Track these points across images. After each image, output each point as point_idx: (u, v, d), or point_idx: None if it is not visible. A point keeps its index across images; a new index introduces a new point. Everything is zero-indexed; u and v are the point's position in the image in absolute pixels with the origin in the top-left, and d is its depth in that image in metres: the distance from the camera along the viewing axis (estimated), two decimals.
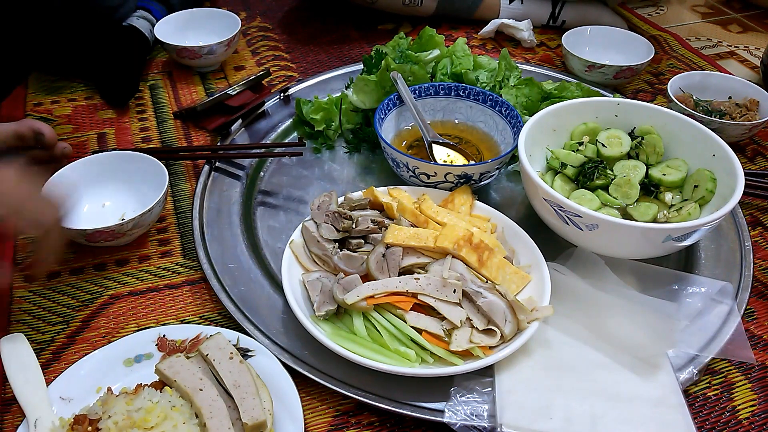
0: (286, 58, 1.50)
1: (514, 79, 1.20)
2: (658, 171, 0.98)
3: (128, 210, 1.00)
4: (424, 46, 1.24)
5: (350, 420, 0.77)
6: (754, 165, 1.19)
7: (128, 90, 1.31)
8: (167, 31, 1.38)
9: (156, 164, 1.00)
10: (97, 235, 0.90)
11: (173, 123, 1.25)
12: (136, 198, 1.01)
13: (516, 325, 0.79)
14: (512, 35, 1.57)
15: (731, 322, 0.84)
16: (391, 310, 0.80)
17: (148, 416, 0.67)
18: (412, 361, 0.76)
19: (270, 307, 0.88)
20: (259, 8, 1.72)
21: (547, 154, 1.02)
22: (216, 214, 1.02)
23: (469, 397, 0.75)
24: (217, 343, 0.76)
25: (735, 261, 0.95)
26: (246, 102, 1.24)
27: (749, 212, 1.07)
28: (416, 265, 0.84)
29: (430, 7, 1.56)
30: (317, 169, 1.14)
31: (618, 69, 1.32)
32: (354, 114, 1.19)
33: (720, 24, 1.74)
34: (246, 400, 0.70)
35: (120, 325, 0.87)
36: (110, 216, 0.99)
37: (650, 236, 0.81)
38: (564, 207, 0.83)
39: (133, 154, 1.04)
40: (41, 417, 0.70)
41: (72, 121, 1.26)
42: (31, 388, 0.74)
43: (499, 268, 0.85)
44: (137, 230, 0.95)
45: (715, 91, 1.27)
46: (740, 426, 0.77)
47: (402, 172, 1.01)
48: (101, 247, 0.96)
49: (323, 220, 0.90)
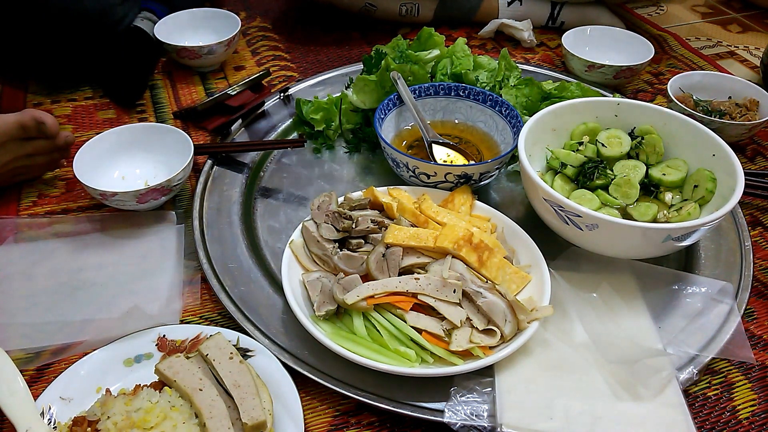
0: (286, 58, 1.50)
1: (514, 79, 1.20)
2: (658, 171, 0.98)
3: (150, 177, 1.07)
4: (424, 46, 1.24)
5: (350, 420, 0.77)
6: (754, 165, 1.19)
7: (135, 90, 1.31)
8: (167, 31, 1.38)
9: (183, 137, 1.06)
10: (148, 195, 0.97)
11: (173, 123, 1.25)
12: (163, 168, 1.09)
13: (516, 325, 0.79)
14: (512, 35, 1.57)
15: (731, 322, 0.84)
16: (391, 310, 0.80)
17: (147, 416, 0.67)
18: (412, 361, 0.76)
19: (270, 307, 0.88)
20: (259, 8, 1.72)
21: (547, 154, 1.02)
22: (216, 214, 1.02)
23: (469, 397, 0.75)
24: (217, 343, 0.76)
25: (735, 261, 0.95)
26: (246, 102, 1.24)
27: (749, 212, 1.07)
28: (416, 265, 0.84)
29: (428, 17, 1.57)
30: (317, 169, 1.14)
31: (618, 69, 1.32)
32: (354, 114, 1.19)
33: (720, 24, 1.74)
34: (246, 400, 0.70)
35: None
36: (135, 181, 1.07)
37: (650, 236, 0.81)
38: (564, 207, 0.83)
39: (161, 126, 1.10)
40: (32, 427, 0.70)
41: (72, 121, 1.26)
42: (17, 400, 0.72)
43: (499, 268, 0.85)
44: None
45: (715, 91, 1.27)
46: (740, 426, 0.77)
47: (402, 172, 1.01)
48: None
49: (323, 220, 0.90)
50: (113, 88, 1.32)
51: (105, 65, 1.33)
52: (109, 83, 1.33)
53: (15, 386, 0.74)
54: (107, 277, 0.92)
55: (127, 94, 1.31)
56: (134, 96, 1.31)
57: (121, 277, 0.92)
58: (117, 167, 1.07)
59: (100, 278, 0.92)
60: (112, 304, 0.88)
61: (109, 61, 1.32)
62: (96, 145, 1.04)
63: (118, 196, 0.95)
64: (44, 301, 0.88)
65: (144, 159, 1.09)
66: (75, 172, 0.98)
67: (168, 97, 1.34)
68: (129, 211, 1.02)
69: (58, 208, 1.05)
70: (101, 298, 0.89)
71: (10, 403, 0.72)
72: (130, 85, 1.31)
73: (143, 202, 0.98)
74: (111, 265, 0.94)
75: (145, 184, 0.98)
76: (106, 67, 1.33)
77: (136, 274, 0.92)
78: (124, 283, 0.91)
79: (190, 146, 1.04)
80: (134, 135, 1.08)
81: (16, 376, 0.75)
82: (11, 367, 0.76)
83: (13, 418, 0.71)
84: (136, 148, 1.08)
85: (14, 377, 0.75)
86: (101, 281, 0.91)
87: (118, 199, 0.96)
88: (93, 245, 0.97)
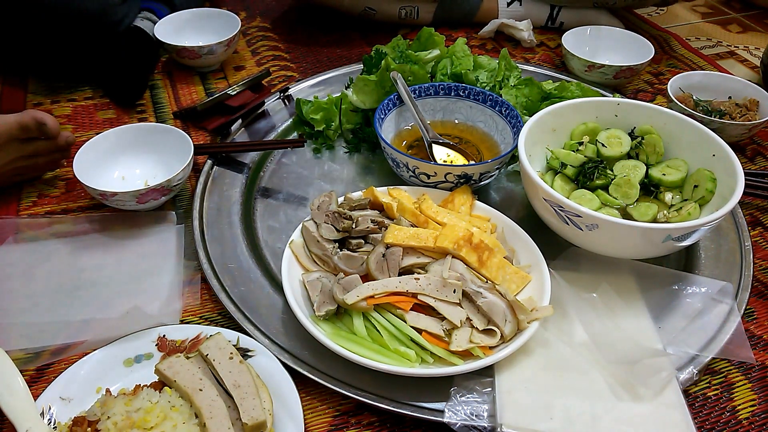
0: (286, 58, 1.50)
1: (514, 79, 1.20)
2: (658, 171, 0.98)
3: (150, 177, 1.07)
4: (424, 46, 1.24)
5: (350, 420, 0.77)
6: (754, 165, 1.19)
7: (135, 90, 1.31)
8: (167, 31, 1.38)
9: (183, 137, 1.06)
10: (148, 195, 0.97)
11: (173, 123, 1.25)
12: (163, 168, 1.09)
13: (516, 325, 0.79)
14: (512, 35, 1.57)
15: (731, 322, 0.84)
16: (391, 310, 0.80)
17: (147, 416, 0.67)
18: (412, 361, 0.76)
19: (270, 307, 0.88)
20: (259, 8, 1.72)
21: (547, 154, 1.02)
22: (216, 214, 1.02)
23: (469, 397, 0.75)
24: (217, 343, 0.76)
25: (735, 261, 0.95)
26: (246, 102, 1.24)
27: (749, 212, 1.07)
28: (416, 265, 0.84)
29: (427, 19, 1.57)
30: (317, 169, 1.14)
31: (618, 69, 1.32)
32: (354, 114, 1.19)
33: (720, 24, 1.74)
34: (246, 400, 0.70)
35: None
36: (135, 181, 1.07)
37: (650, 236, 0.81)
38: (564, 207, 0.83)
39: (161, 126, 1.10)
40: (32, 427, 0.70)
41: (72, 121, 1.26)
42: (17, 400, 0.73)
43: (499, 268, 0.85)
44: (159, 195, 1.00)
45: (715, 91, 1.27)
46: (740, 426, 0.77)
47: (402, 172, 1.01)
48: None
49: (323, 220, 0.90)
50: (113, 88, 1.32)
51: (105, 65, 1.33)
52: (109, 83, 1.33)
53: (15, 386, 0.74)
54: (107, 278, 0.92)
55: (127, 94, 1.31)
56: (134, 96, 1.31)
57: (121, 278, 0.92)
58: (117, 167, 1.07)
59: (100, 278, 0.92)
60: (112, 304, 0.88)
61: (109, 61, 1.32)
62: (96, 145, 1.04)
63: (118, 196, 0.95)
64: (44, 302, 0.88)
65: (144, 159, 1.09)
66: (75, 172, 0.98)
67: (168, 97, 1.34)
68: (129, 211, 1.02)
69: (58, 208, 1.05)
70: (101, 298, 0.89)
71: (10, 403, 0.72)
72: (130, 85, 1.31)
73: (143, 202, 0.98)
74: (111, 266, 0.94)
75: (145, 184, 0.98)
76: (106, 67, 1.33)
77: (136, 275, 0.92)
78: (124, 283, 0.91)
79: (190, 146, 1.04)
80: (134, 135, 1.08)
81: (16, 376, 0.75)
82: (11, 367, 0.76)
83: (13, 418, 0.71)
84: (136, 148, 1.08)
85: (14, 377, 0.75)
86: (101, 281, 0.91)
87: (118, 199, 0.96)
88: (93, 245, 0.97)
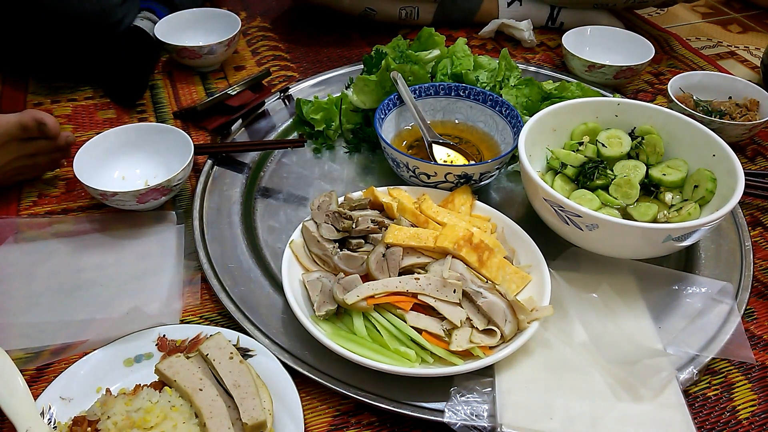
0: (286, 58, 1.50)
1: (514, 79, 1.20)
2: (658, 171, 0.98)
3: (150, 177, 1.07)
4: (424, 46, 1.24)
5: (350, 420, 0.77)
6: (754, 165, 1.19)
7: (135, 90, 1.31)
8: (167, 31, 1.38)
9: (183, 137, 1.06)
10: (148, 195, 0.97)
11: (173, 123, 1.25)
12: (163, 168, 1.09)
13: (516, 325, 0.79)
14: (512, 35, 1.57)
15: (731, 322, 0.84)
16: (391, 310, 0.80)
17: (147, 416, 0.67)
18: (412, 361, 0.76)
19: (270, 307, 0.88)
20: (259, 8, 1.72)
21: (547, 154, 1.02)
22: (216, 214, 1.02)
23: (469, 397, 0.75)
24: (217, 343, 0.76)
25: (735, 261, 0.95)
26: (246, 102, 1.24)
27: (749, 212, 1.07)
28: (416, 265, 0.84)
29: (427, 20, 1.57)
30: (317, 169, 1.14)
31: (618, 69, 1.32)
32: (354, 114, 1.19)
33: (720, 24, 1.74)
34: (246, 400, 0.70)
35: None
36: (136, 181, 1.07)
37: (650, 236, 0.81)
38: (564, 207, 0.83)
39: (161, 126, 1.10)
40: (32, 427, 0.70)
41: (72, 121, 1.26)
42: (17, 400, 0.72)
43: (499, 268, 0.85)
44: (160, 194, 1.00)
45: (715, 91, 1.27)
46: (740, 426, 0.77)
47: (402, 172, 1.01)
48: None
49: (323, 220, 0.90)
50: (113, 88, 1.32)
51: (105, 65, 1.33)
52: (110, 83, 1.33)
53: (15, 386, 0.74)
54: (107, 277, 0.92)
55: (128, 94, 1.31)
56: (134, 96, 1.31)
57: (122, 277, 0.92)
58: (117, 167, 1.07)
59: (101, 278, 0.92)
60: (112, 304, 0.88)
61: (110, 61, 1.32)
62: (96, 145, 1.04)
63: (118, 196, 0.95)
64: (44, 301, 0.88)
65: (144, 159, 1.09)
66: (75, 171, 0.98)
67: (168, 97, 1.34)
68: (129, 211, 1.02)
69: (58, 208, 1.05)
70: (101, 298, 0.89)
71: (10, 403, 0.72)
72: (130, 85, 1.31)
73: (143, 202, 0.98)
74: (111, 265, 0.94)
75: (145, 184, 0.98)
76: (107, 67, 1.33)
77: (136, 274, 0.92)
78: (124, 283, 0.91)
79: (190, 146, 1.04)
80: (134, 135, 1.08)
81: (16, 376, 0.75)
82: (11, 367, 0.76)
83: (13, 418, 0.71)
84: (136, 148, 1.08)
85: (14, 377, 0.74)
86: (101, 281, 0.91)
87: (118, 199, 0.96)
88: (93, 245, 0.97)
